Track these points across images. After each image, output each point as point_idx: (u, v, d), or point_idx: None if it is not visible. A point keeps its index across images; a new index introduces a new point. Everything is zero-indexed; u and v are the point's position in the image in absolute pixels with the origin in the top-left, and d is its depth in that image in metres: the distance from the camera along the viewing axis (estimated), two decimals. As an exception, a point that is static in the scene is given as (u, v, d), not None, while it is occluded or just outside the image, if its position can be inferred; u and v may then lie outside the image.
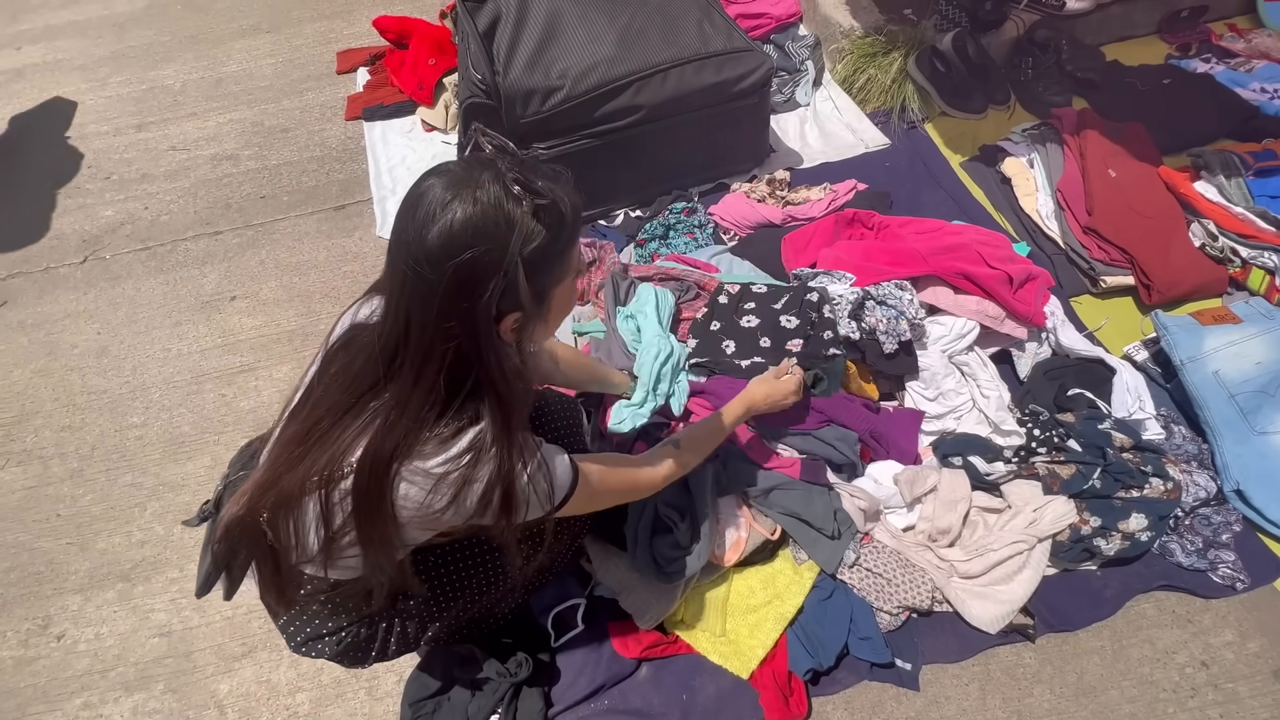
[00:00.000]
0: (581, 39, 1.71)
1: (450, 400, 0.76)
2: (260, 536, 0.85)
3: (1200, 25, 2.25)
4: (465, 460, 0.75)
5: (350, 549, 0.81)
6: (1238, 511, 1.31)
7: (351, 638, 0.99)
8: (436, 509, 0.76)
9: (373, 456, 0.75)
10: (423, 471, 0.75)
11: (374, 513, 0.77)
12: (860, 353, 1.43)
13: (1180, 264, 1.62)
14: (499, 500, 0.77)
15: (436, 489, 0.76)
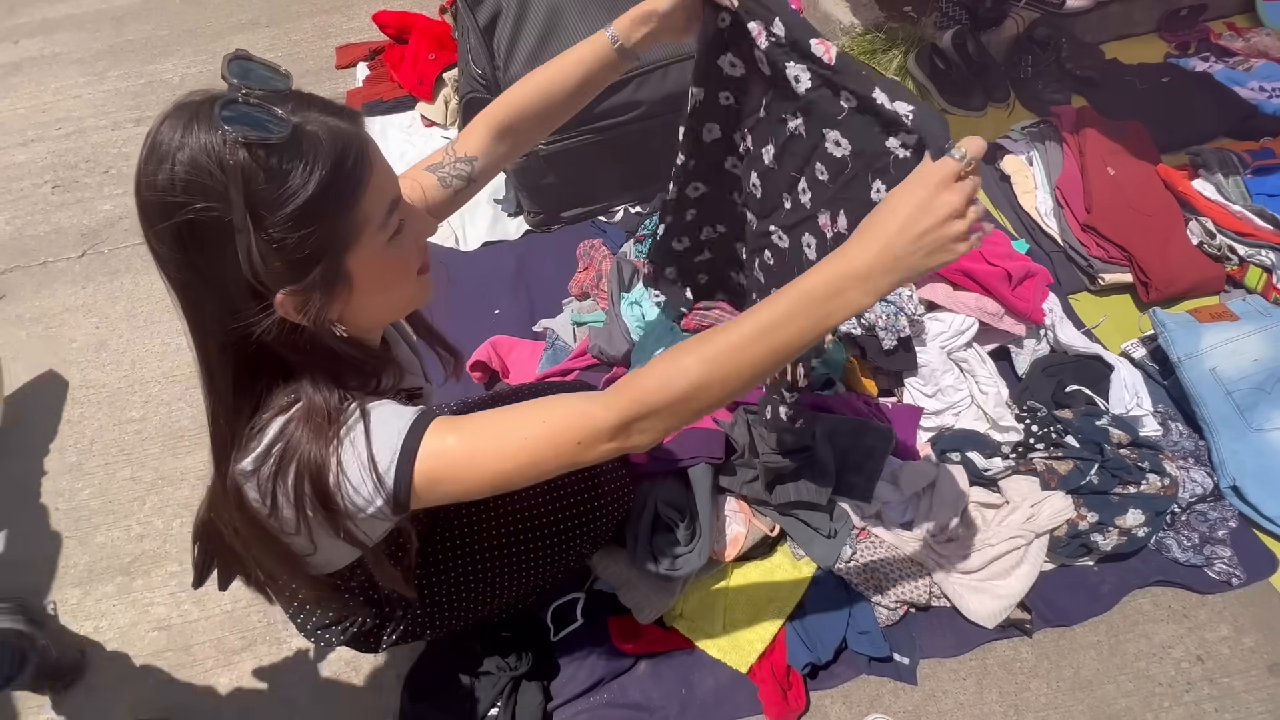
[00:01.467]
0: (582, 34, 1.70)
1: (259, 386, 0.65)
2: (222, 542, 0.79)
3: (1199, 24, 2.25)
4: (275, 451, 0.64)
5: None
6: (1234, 508, 1.32)
7: (358, 627, 0.97)
8: (263, 513, 0.67)
9: (215, 458, 0.68)
10: (242, 473, 0.66)
11: (247, 523, 0.69)
12: (859, 349, 1.43)
13: (1178, 262, 1.62)
14: (312, 496, 0.64)
15: (260, 490, 0.65)
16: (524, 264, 1.81)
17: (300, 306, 0.61)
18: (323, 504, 0.65)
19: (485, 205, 1.96)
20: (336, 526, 0.67)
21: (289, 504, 0.65)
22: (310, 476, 0.64)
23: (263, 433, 0.65)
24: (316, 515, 0.65)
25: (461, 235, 1.91)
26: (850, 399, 1.37)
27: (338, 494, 0.64)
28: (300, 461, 0.64)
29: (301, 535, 0.69)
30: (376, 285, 0.66)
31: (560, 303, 1.71)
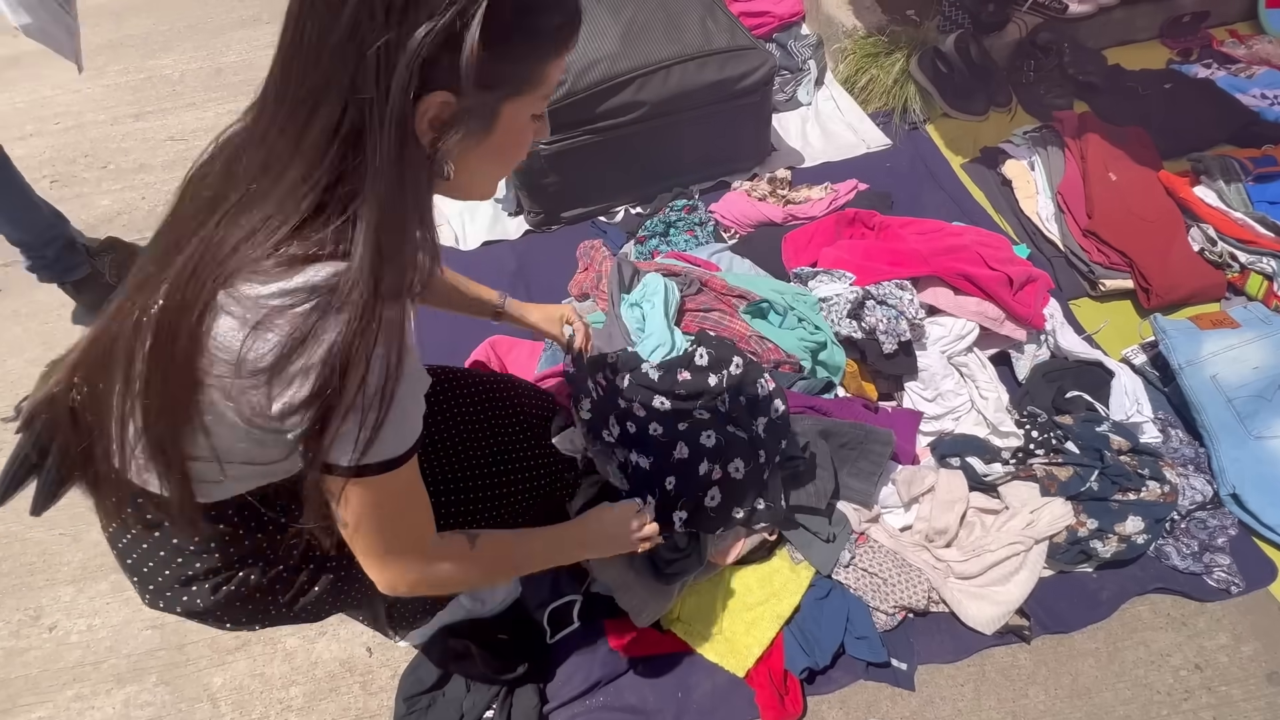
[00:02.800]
0: (585, 34, 1.70)
1: (320, 201, 0.54)
2: (70, 424, 0.67)
3: (1201, 31, 2.25)
4: (310, 302, 0.53)
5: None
6: (1233, 515, 1.31)
7: (235, 585, 0.77)
8: (250, 368, 0.54)
9: (196, 264, 0.55)
10: (250, 301, 0.54)
11: (171, 357, 0.56)
12: (860, 353, 1.43)
13: (1179, 268, 1.62)
14: (327, 383, 0.54)
15: (260, 331, 0.53)
16: (524, 264, 1.80)
17: (440, 121, 0.55)
18: (327, 403, 0.55)
19: (485, 205, 1.95)
20: (322, 438, 0.57)
21: (298, 374, 0.54)
22: (343, 362, 0.54)
23: (294, 269, 0.54)
24: (303, 410, 0.55)
25: (461, 234, 1.90)
26: (850, 403, 1.36)
27: (346, 403, 0.55)
28: (342, 338, 0.53)
29: (230, 428, 0.59)
30: (500, 150, 0.62)
31: (560, 303, 1.70)
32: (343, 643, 1.29)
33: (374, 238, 0.54)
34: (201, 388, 0.57)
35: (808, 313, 1.40)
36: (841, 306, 1.40)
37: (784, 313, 1.42)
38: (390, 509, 0.66)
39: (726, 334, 1.37)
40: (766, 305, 1.42)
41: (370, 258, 0.54)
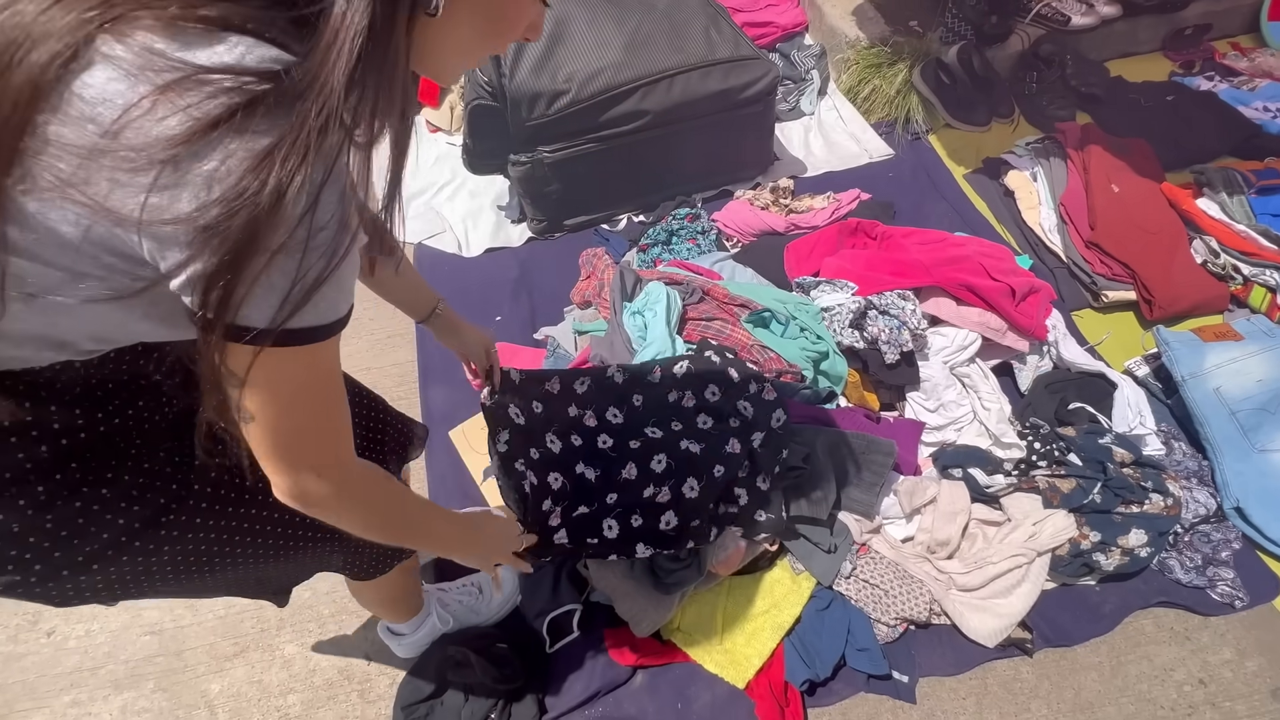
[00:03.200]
0: (589, 44, 1.72)
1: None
2: None
3: (1204, 43, 2.26)
4: (247, 86, 0.41)
5: None
6: (1237, 529, 1.31)
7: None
8: (131, 141, 0.40)
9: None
10: (155, 56, 0.40)
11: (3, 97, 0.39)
12: (862, 362, 1.42)
13: (1182, 280, 1.62)
14: (251, 204, 0.41)
15: (165, 96, 0.39)
16: (526, 271, 1.81)
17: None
18: (247, 233, 0.41)
19: (488, 212, 1.96)
20: (236, 279, 0.43)
21: (178, 182, 0.40)
22: (275, 189, 0.41)
23: (222, 37, 0.42)
24: (212, 244, 0.42)
25: (464, 241, 1.91)
26: (852, 413, 1.36)
27: (281, 236, 0.42)
28: (288, 146, 0.41)
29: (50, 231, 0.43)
30: (499, 10, 0.55)
31: (562, 310, 1.70)
32: (342, 650, 1.29)
33: (357, 42, 0.42)
34: (25, 153, 0.40)
35: (810, 322, 1.40)
36: (844, 316, 1.40)
37: (786, 322, 1.42)
38: (313, 394, 0.55)
39: (728, 343, 1.37)
40: (768, 314, 1.42)
41: (349, 62, 0.42)
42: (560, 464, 1.09)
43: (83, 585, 0.65)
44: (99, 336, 0.52)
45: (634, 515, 1.08)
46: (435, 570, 1.34)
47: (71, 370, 0.55)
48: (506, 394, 1.07)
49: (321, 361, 0.53)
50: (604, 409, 1.16)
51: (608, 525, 1.06)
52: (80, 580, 0.64)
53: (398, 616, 1.15)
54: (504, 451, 1.05)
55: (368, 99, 0.44)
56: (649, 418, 1.18)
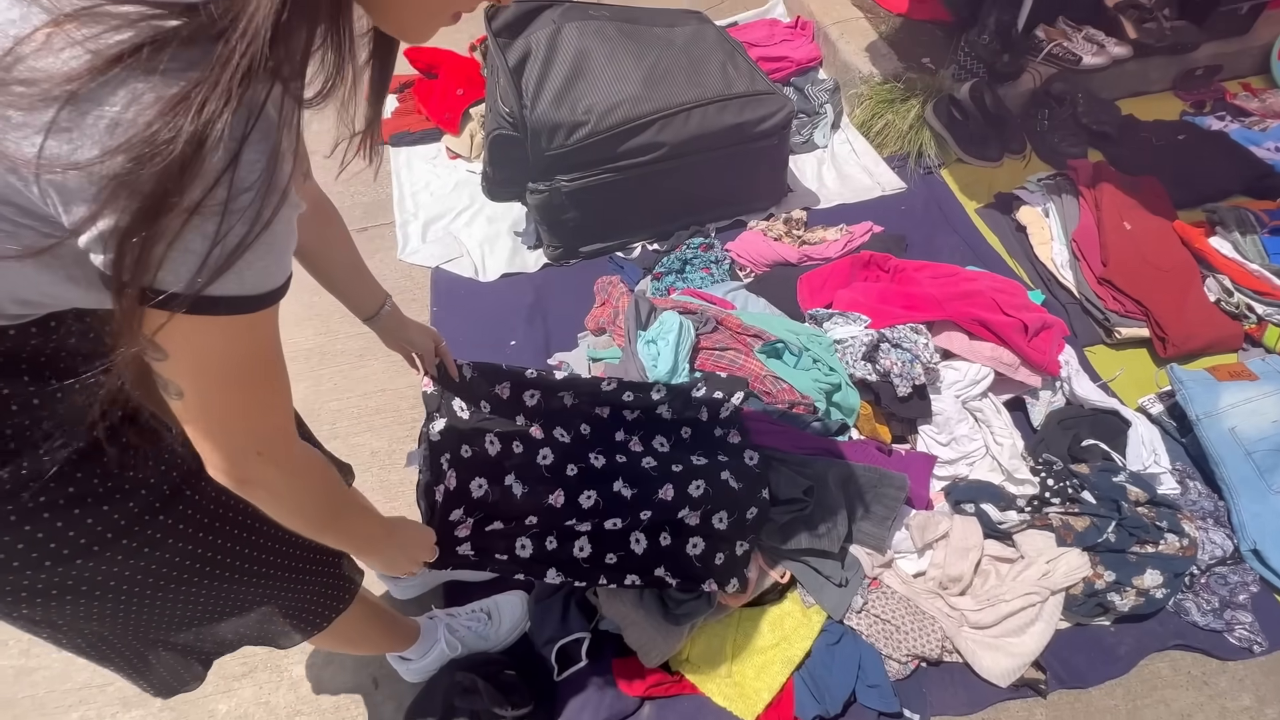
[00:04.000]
0: (608, 77, 1.76)
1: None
2: None
3: (1215, 84, 2.29)
4: (159, 20, 0.37)
5: None
6: (1255, 572, 1.29)
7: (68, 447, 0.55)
8: (25, 73, 0.37)
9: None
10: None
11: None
12: (874, 395, 1.43)
13: (1195, 318, 1.62)
14: (161, 153, 0.37)
15: (64, 27, 0.37)
16: (541, 296, 1.83)
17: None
18: (148, 208, 0.38)
19: (505, 238, 1.99)
20: (129, 254, 0.39)
21: (80, 123, 0.37)
22: (189, 138, 0.37)
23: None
24: (119, 199, 0.38)
25: (481, 266, 1.94)
26: (864, 445, 1.36)
27: (197, 196, 0.39)
28: (197, 100, 0.37)
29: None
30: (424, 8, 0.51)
31: (576, 336, 1.72)
32: (350, 674, 1.29)
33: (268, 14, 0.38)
34: None
35: (823, 354, 1.41)
36: (856, 349, 1.41)
37: (799, 353, 1.43)
38: (246, 370, 0.51)
39: (741, 373, 1.38)
40: (782, 346, 1.43)
41: (273, 12, 0.38)
42: (491, 470, 1.06)
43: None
44: (20, 299, 0.48)
45: (549, 538, 1.06)
46: (445, 596, 1.34)
47: (7, 338, 0.50)
48: (454, 387, 1.05)
49: (254, 335, 0.49)
50: (551, 426, 1.14)
51: (520, 544, 1.04)
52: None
53: (393, 646, 1.15)
54: (435, 441, 1.01)
55: (297, 45, 0.41)
56: (594, 446, 1.16)
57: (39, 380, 0.53)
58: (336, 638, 0.97)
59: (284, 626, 0.86)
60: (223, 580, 0.73)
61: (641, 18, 1.96)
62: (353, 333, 1.82)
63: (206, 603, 0.75)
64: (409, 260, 1.96)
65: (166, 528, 0.65)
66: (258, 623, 0.83)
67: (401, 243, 2.02)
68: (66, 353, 0.53)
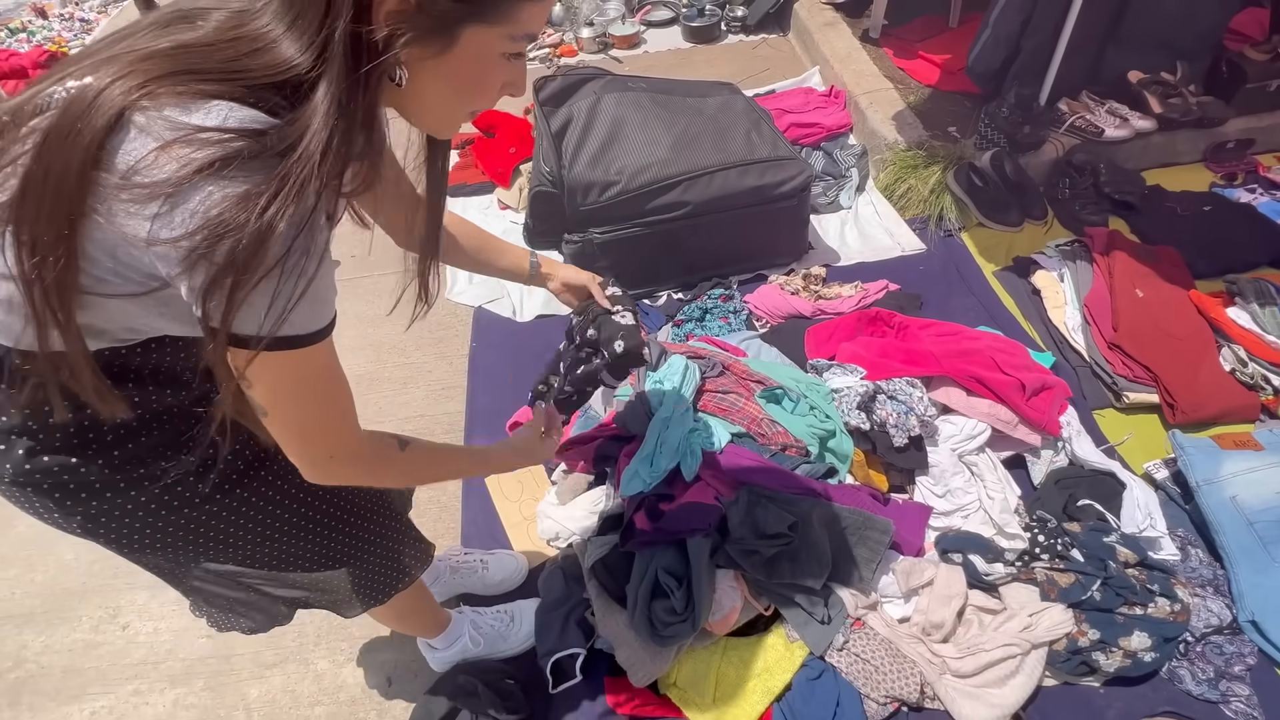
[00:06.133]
0: (640, 142, 1.94)
1: (273, 51, 0.55)
2: None
3: (1247, 156, 2.30)
4: (237, 141, 0.52)
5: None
6: (1253, 643, 1.28)
7: (173, 474, 0.73)
8: (141, 178, 0.51)
9: (143, 61, 0.53)
10: (167, 122, 0.52)
11: (65, 161, 0.52)
12: (871, 444, 1.50)
13: (1208, 386, 1.63)
14: (234, 234, 0.51)
15: (170, 148, 0.51)
16: (570, 337, 1.98)
17: (394, 14, 0.56)
18: (241, 261, 0.52)
19: (543, 282, 2.16)
20: (234, 296, 0.53)
21: (174, 210, 0.52)
22: (255, 223, 0.51)
23: (216, 105, 0.53)
24: (204, 265, 0.52)
25: (519, 307, 2.11)
26: (855, 490, 1.43)
27: (267, 263, 0.53)
28: (263, 195, 0.52)
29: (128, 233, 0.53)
30: (458, 76, 0.63)
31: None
32: (368, 670, 1.41)
33: (328, 106, 0.55)
34: (88, 183, 0.53)
35: (820, 402, 1.50)
36: (851, 398, 1.49)
37: (797, 400, 1.52)
38: (311, 389, 0.65)
39: (740, 415, 1.48)
40: (781, 392, 1.52)
41: (323, 122, 0.54)
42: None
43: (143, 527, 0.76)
44: (129, 327, 0.64)
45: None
46: (473, 598, 1.46)
47: (120, 356, 0.66)
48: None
49: (313, 362, 0.62)
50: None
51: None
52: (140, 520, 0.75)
53: (422, 631, 1.28)
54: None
55: (341, 163, 0.56)
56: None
57: (146, 386, 0.69)
58: (391, 610, 1.12)
59: (350, 595, 1.01)
60: (303, 538, 0.89)
61: (676, 89, 2.16)
62: (399, 363, 2.01)
63: (298, 552, 0.91)
64: (455, 299, 2.15)
65: (253, 490, 0.82)
66: (334, 583, 0.98)
67: (450, 282, 2.22)
68: (165, 368, 0.70)
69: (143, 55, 0.54)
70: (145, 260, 0.55)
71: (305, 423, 0.67)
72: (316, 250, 0.56)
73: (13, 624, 1.55)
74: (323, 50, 0.55)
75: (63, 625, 1.54)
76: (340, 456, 0.71)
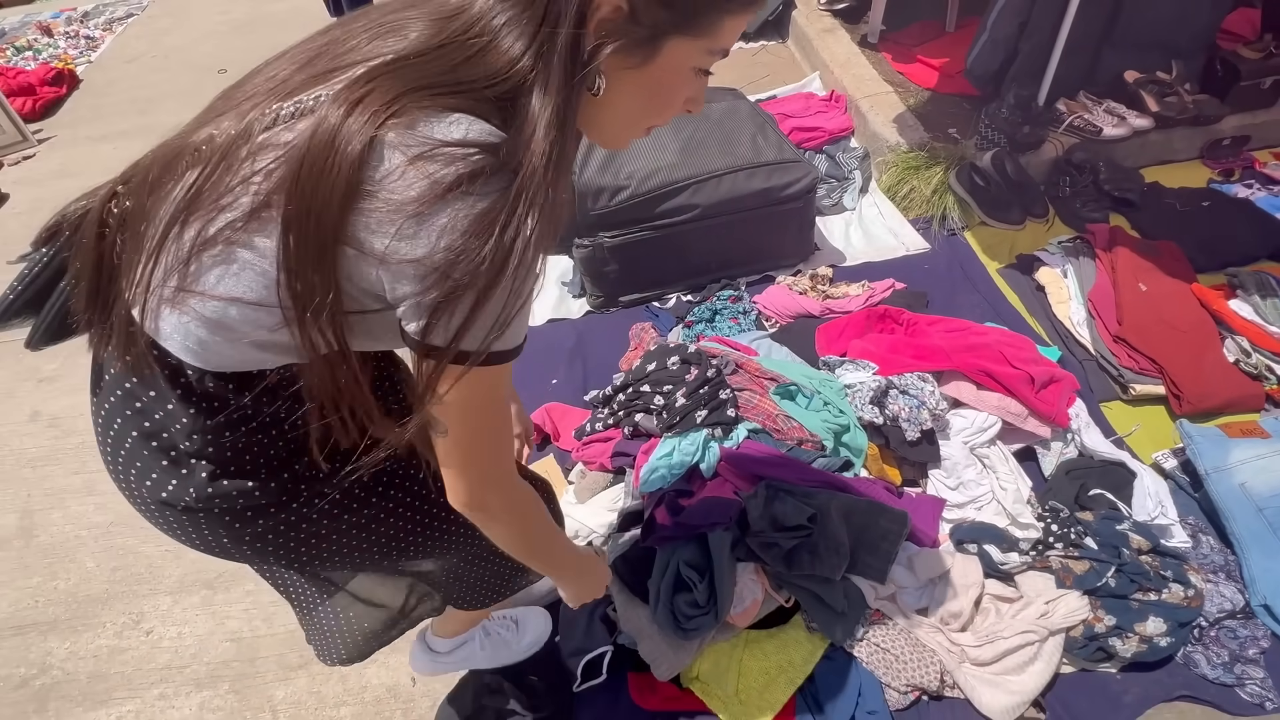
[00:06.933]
0: (649, 147, 1.98)
1: (492, 63, 0.55)
2: (95, 244, 0.60)
3: (1243, 153, 2.34)
4: (476, 156, 0.52)
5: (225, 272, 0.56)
6: (1266, 627, 1.30)
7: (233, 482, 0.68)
8: (395, 197, 0.52)
9: (370, 81, 0.53)
10: (415, 138, 0.52)
11: (325, 197, 0.52)
12: (884, 438, 1.52)
13: (1213, 377, 1.66)
14: (476, 250, 0.52)
15: (421, 163, 0.51)
16: (582, 340, 2.01)
17: (605, 24, 0.56)
18: (460, 289, 0.52)
19: (553, 286, 2.19)
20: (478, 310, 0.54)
21: (420, 229, 0.52)
22: (498, 239, 0.52)
23: (453, 118, 0.53)
24: (439, 281, 0.52)
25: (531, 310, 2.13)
26: (871, 483, 1.45)
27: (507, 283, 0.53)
28: (507, 202, 0.52)
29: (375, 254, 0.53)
30: (652, 89, 0.63)
31: (611, 377, 1.88)
32: (392, 671, 1.42)
33: (550, 116, 0.54)
34: (349, 208, 0.52)
35: (833, 397, 1.52)
36: (864, 394, 1.51)
37: (811, 396, 1.54)
38: (493, 409, 0.64)
39: (755, 412, 1.50)
40: (795, 388, 1.55)
41: (545, 133, 0.54)
42: None
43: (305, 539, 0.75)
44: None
45: None
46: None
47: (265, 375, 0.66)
48: None
49: (502, 380, 0.63)
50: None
51: None
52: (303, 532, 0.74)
53: (448, 628, 1.27)
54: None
55: (559, 170, 0.55)
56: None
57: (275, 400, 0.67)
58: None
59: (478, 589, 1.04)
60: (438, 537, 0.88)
61: (682, 95, 2.19)
62: (413, 368, 2.03)
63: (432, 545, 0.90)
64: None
65: (390, 498, 0.81)
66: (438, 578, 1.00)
67: (461, 289, 2.25)
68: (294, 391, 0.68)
69: (372, 72, 0.53)
70: (371, 278, 0.55)
71: (479, 441, 0.66)
72: (536, 267, 0.56)
73: (37, 631, 1.56)
74: (540, 57, 0.54)
75: (87, 632, 1.56)
76: (496, 485, 0.70)
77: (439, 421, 0.61)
